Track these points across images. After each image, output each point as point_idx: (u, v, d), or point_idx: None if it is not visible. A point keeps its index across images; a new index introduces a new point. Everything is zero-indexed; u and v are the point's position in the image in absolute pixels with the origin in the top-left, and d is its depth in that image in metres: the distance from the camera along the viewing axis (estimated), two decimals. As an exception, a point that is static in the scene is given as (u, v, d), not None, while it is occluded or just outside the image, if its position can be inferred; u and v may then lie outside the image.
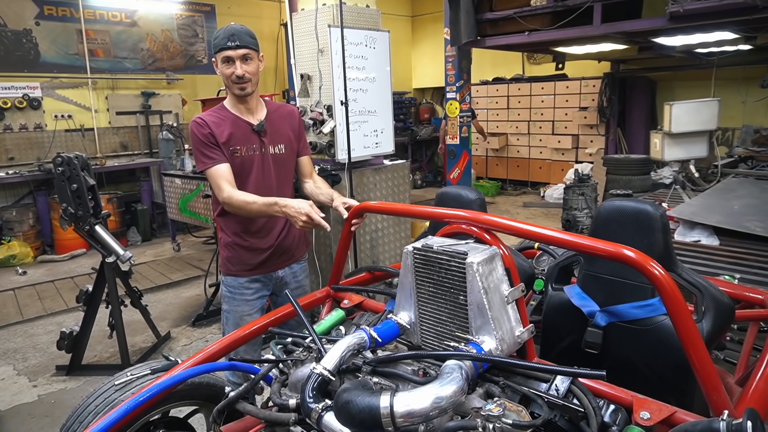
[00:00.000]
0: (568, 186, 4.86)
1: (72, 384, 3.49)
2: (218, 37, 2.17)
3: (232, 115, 2.28)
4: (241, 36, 2.16)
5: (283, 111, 2.45)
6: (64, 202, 3.34)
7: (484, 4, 5.64)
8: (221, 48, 2.15)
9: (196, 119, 2.24)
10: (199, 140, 2.20)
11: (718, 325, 1.54)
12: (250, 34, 2.21)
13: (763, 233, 3.48)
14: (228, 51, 2.15)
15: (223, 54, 2.16)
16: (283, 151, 2.38)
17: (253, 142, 2.29)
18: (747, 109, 7.46)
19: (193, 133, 2.23)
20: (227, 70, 2.18)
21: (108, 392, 1.61)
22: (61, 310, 4.77)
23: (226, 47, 2.14)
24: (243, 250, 2.34)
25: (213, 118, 2.25)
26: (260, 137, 2.30)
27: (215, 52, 2.19)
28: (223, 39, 2.15)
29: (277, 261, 2.41)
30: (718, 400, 1.22)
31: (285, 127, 2.40)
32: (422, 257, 1.50)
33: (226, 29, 2.17)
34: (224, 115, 2.28)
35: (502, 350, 1.40)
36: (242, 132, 2.27)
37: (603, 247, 1.34)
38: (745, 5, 3.84)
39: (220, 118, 2.26)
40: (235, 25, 2.19)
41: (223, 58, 2.17)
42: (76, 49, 7.14)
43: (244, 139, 2.27)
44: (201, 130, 2.20)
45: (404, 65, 11.35)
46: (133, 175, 7.68)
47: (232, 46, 2.14)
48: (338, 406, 1.17)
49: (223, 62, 2.18)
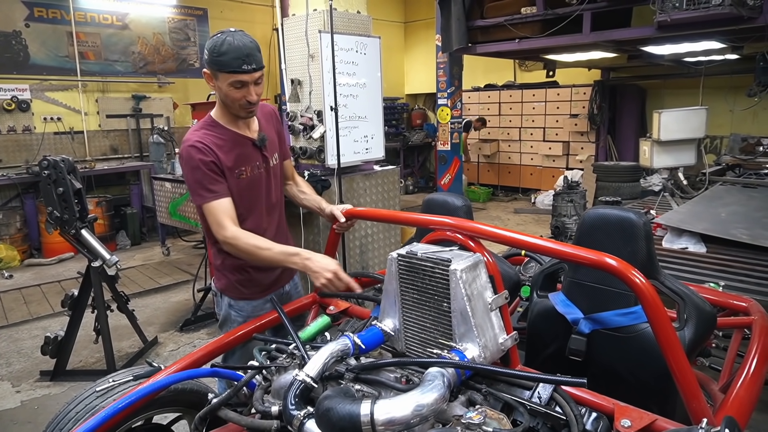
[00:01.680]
0: (557, 193, 4.88)
1: (56, 390, 3.45)
2: (225, 55, 1.79)
3: (229, 132, 1.98)
4: (255, 56, 1.84)
5: (266, 114, 2.18)
6: (49, 205, 3.31)
7: (475, 11, 5.68)
8: (233, 71, 1.81)
9: (196, 143, 1.89)
10: (199, 169, 1.87)
11: (700, 333, 1.55)
12: (259, 47, 1.88)
13: (750, 241, 3.51)
14: (242, 75, 1.82)
15: (234, 78, 1.82)
16: (277, 160, 2.16)
17: (256, 158, 2.03)
18: (735, 117, 7.55)
19: (191, 159, 1.87)
20: (236, 93, 1.86)
21: (89, 399, 1.59)
22: (47, 315, 4.72)
23: (240, 71, 1.81)
24: (256, 270, 2.08)
25: (213, 140, 1.92)
26: (262, 152, 2.05)
27: (218, 70, 1.83)
28: (235, 60, 1.79)
29: (284, 275, 2.23)
30: (697, 407, 1.23)
31: (271, 131, 2.17)
32: (406, 264, 1.50)
33: (235, 47, 1.79)
34: (222, 133, 1.97)
35: (486, 357, 1.40)
36: (245, 150, 2.00)
37: (585, 255, 1.34)
38: (731, 15, 3.89)
39: (220, 138, 1.95)
40: (243, 39, 1.82)
41: (233, 82, 1.83)
42: (66, 52, 7.11)
43: (247, 157, 2.00)
44: (204, 157, 1.87)
45: (397, 71, 11.38)
46: (122, 179, 7.63)
47: (248, 70, 1.81)
48: (319, 413, 1.16)
49: (231, 85, 1.84)
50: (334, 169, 3.88)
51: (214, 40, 1.82)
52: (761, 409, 2.89)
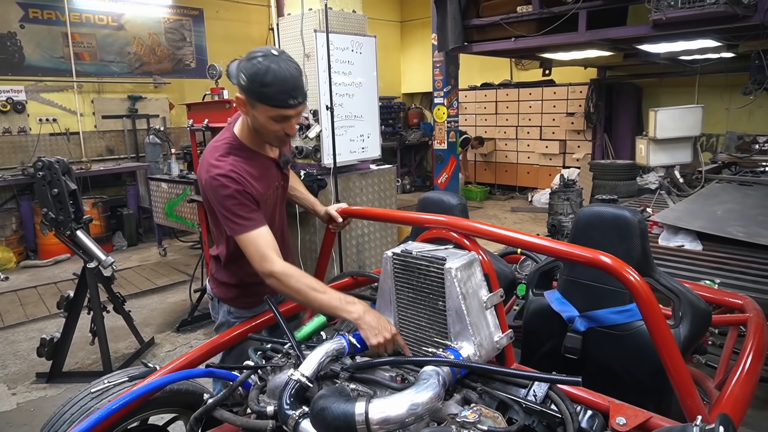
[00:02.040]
0: (553, 191, 4.89)
1: (52, 392, 3.44)
2: (269, 87, 1.60)
3: (256, 154, 1.84)
4: (301, 87, 1.68)
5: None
6: (44, 206, 3.30)
7: (471, 10, 5.68)
8: (279, 105, 1.64)
9: (230, 173, 1.71)
10: (234, 198, 1.71)
11: (695, 330, 1.55)
12: (301, 72, 1.71)
13: (746, 238, 3.52)
14: (287, 110, 1.67)
15: (277, 112, 1.66)
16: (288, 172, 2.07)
17: (277, 179, 1.92)
18: (730, 115, 7.56)
19: (225, 188, 1.70)
20: (275, 126, 1.71)
21: (84, 400, 1.59)
22: (43, 317, 4.70)
23: (287, 105, 1.65)
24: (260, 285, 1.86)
25: (245, 167, 1.76)
26: (282, 171, 1.95)
27: (259, 101, 1.64)
28: (282, 94, 1.62)
29: None
30: (692, 405, 1.23)
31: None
32: (401, 263, 1.50)
33: (281, 78, 1.61)
34: (249, 156, 1.81)
35: (481, 356, 1.40)
36: (269, 172, 1.88)
37: (580, 253, 1.34)
38: (726, 14, 3.90)
39: (250, 164, 1.79)
40: (290, 69, 1.63)
41: (275, 116, 1.68)
42: (62, 53, 7.08)
43: (271, 179, 1.88)
44: (240, 187, 1.71)
45: (393, 70, 11.38)
46: (119, 180, 7.61)
47: (294, 104, 1.66)
48: (314, 413, 1.16)
49: (272, 118, 1.69)
50: (330, 169, 3.87)
51: (256, 67, 1.61)
52: (757, 405, 2.90)
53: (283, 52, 1.67)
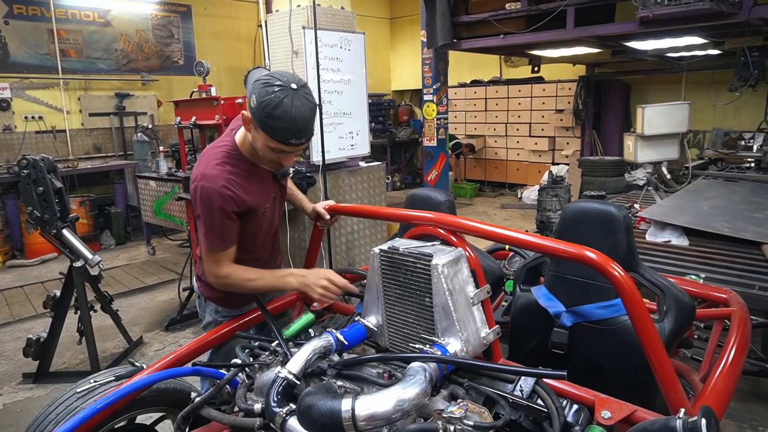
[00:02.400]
0: (542, 188, 4.91)
1: (39, 392, 3.41)
2: (276, 121, 1.57)
3: (252, 165, 1.81)
4: (309, 130, 1.65)
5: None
6: (29, 205, 3.26)
7: (459, 7, 5.68)
8: (280, 141, 1.62)
9: (222, 190, 1.70)
10: (217, 217, 1.72)
11: (679, 324, 1.57)
12: (315, 112, 1.66)
13: (731, 233, 3.57)
14: (286, 147, 1.65)
15: (278, 146, 1.64)
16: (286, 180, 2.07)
17: (274, 190, 1.92)
18: (717, 112, 7.64)
19: (213, 203, 1.70)
20: (272, 155, 1.71)
21: (69, 400, 1.57)
22: (29, 316, 4.65)
23: (288, 144, 1.63)
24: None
25: (239, 181, 1.75)
26: (279, 182, 1.95)
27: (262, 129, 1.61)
28: (286, 131, 1.59)
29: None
30: (675, 398, 1.24)
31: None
32: (388, 259, 1.50)
33: (290, 117, 1.56)
34: (245, 169, 1.79)
35: (468, 352, 1.41)
36: (265, 185, 1.87)
37: (566, 249, 1.35)
38: (712, 11, 3.93)
39: (245, 178, 1.77)
40: (302, 108, 1.58)
41: (276, 148, 1.66)
42: (47, 49, 6.99)
43: (267, 191, 1.88)
44: (226, 207, 1.71)
45: (383, 67, 11.36)
46: (106, 178, 7.53)
47: (295, 144, 1.64)
48: (301, 410, 1.16)
49: (270, 148, 1.67)
50: (319, 166, 3.86)
51: (269, 95, 1.56)
52: (740, 398, 2.94)
53: (303, 87, 1.62)
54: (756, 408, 2.88)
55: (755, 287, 2.81)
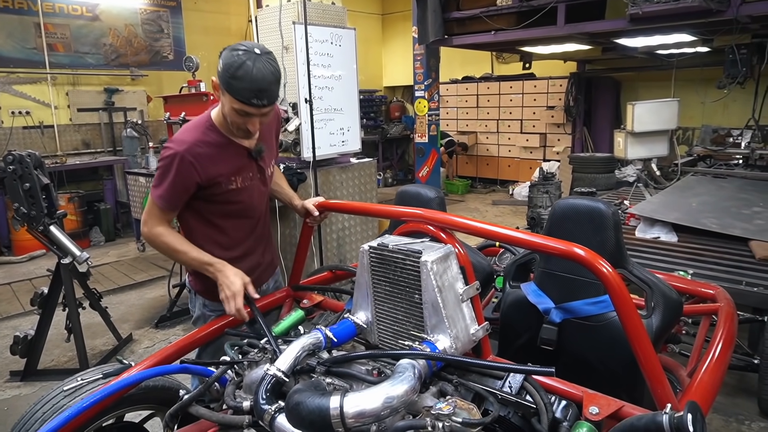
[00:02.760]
0: (533, 184, 4.93)
1: (26, 390, 3.38)
2: (238, 81, 1.64)
3: (225, 139, 1.86)
4: (271, 91, 1.70)
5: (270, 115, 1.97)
6: (16, 201, 3.22)
7: (451, 3, 5.68)
8: (242, 101, 1.67)
9: (187, 156, 1.75)
10: (177, 179, 1.77)
11: (667, 320, 1.58)
12: (279, 77, 1.71)
13: (719, 230, 3.60)
14: (249, 108, 1.69)
15: (242, 107, 1.69)
16: (273, 168, 2.08)
17: (250, 169, 1.94)
18: (706, 109, 7.71)
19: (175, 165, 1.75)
20: (238, 119, 1.75)
21: (56, 398, 1.56)
22: (17, 314, 4.61)
23: (248, 104, 1.68)
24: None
25: (205, 151, 1.80)
26: (257, 162, 1.96)
27: (227, 90, 1.68)
28: (247, 91, 1.65)
29: (263, 275, 2.17)
30: (662, 393, 1.25)
31: (272, 135, 2.06)
32: (378, 256, 1.50)
33: (254, 76, 1.63)
34: (216, 140, 1.84)
35: (457, 348, 1.41)
36: (238, 161, 1.89)
37: (554, 245, 1.36)
38: (700, 8, 3.96)
39: (214, 148, 1.83)
40: (264, 69, 1.65)
41: (238, 109, 1.71)
42: (34, 44, 6.90)
43: (240, 168, 1.90)
44: (191, 174, 1.76)
45: (375, 63, 11.33)
46: (95, 174, 7.47)
47: (257, 104, 1.68)
48: (289, 407, 1.16)
49: (235, 111, 1.72)
50: (309, 162, 3.85)
51: (233, 58, 1.65)
52: (727, 392, 2.98)
53: (267, 54, 1.68)
54: (742, 402, 2.92)
55: (742, 283, 2.84)
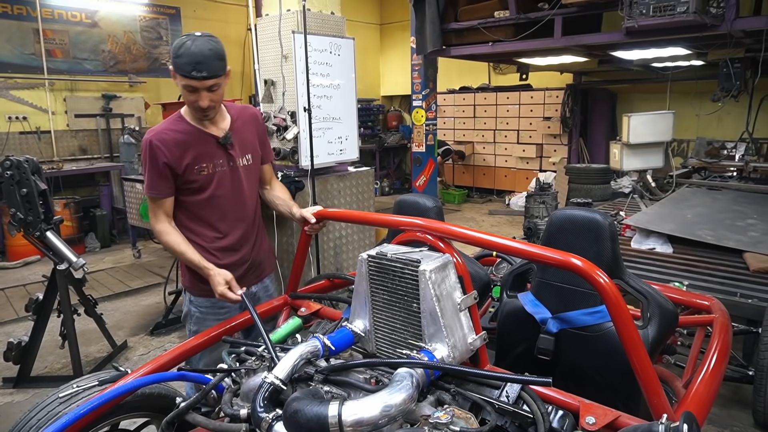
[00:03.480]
0: (529, 194, 4.95)
1: (19, 397, 3.35)
2: (180, 58, 1.84)
3: (193, 128, 2.04)
4: (210, 64, 1.85)
5: (246, 116, 2.21)
6: (12, 207, 3.21)
7: (449, 15, 5.72)
8: (184, 75, 1.85)
9: (155, 141, 1.97)
10: (152, 165, 1.99)
11: (663, 331, 1.59)
12: (220, 55, 1.89)
13: (714, 241, 3.63)
14: (192, 81, 1.86)
15: (185, 82, 1.87)
16: (251, 162, 2.20)
17: (220, 156, 2.08)
18: (700, 121, 7.77)
19: (147, 153, 1.99)
20: (189, 96, 1.93)
21: (51, 405, 1.55)
22: (10, 320, 4.57)
23: (190, 76, 1.85)
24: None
25: (174, 136, 2.00)
26: (227, 150, 2.09)
27: (175, 70, 1.87)
28: (187, 64, 1.83)
29: (251, 276, 2.24)
30: (658, 404, 1.26)
31: (250, 134, 2.20)
32: (376, 265, 1.51)
33: (192, 51, 1.83)
34: (184, 129, 2.03)
35: (455, 357, 1.41)
36: (207, 147, 2.05)
37: (552, 256, 1.37)
38: (695, 23, 4.00)
39: (180, 135, 2.01)
40: (202, 45, 1.84)
41: (185, 85, 1.89)
42: (33, 49, 6.91)
43: (209, 155, 2.05)
44: (158, 156, 1.96)
45: (373, 72, 11.39)
46: (92, 180, 7.45)
47: (198, 77, 1.85)
48: (287, 415, 1.16)
49: (184, 88, 1.90)
50: (307, 171, 3.86)
51: (177, 41, 1.87)
52: (721, 404, 2.98)
53: (209, 35, 1.91)
54: (737, 414, 2.92)
55: (737, 294, 2.86)
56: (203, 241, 2.12)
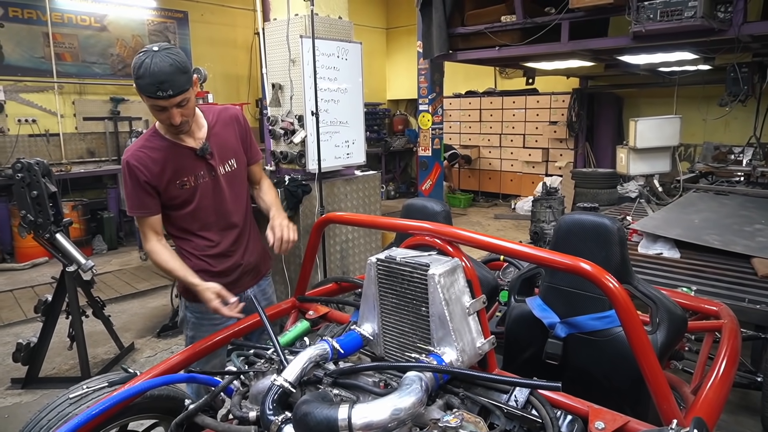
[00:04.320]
0: (536, 199, 4.94)
1: (28, 397, 3.37)
2: (141, 79, 1.74)
3: (168, 142, 1.98)
4: (173, 81, 1.76)
5: (224, 118, 2.13)
6: (23, 209, 3.25)
7: (455, 19, 5.73)
8: (148, 96, 1.77)
9: (132, 161, 1.93)
10: (133, 185, 1.95)
11: (671, 336, 1.59)
12: (182, 69, 1.78)
13: (721, 246, 3.61)
14: (159, 101, 1.78)
15: (153, 102, 1.79)
16: (235, 167, 2.13)
17: (200, 168, 2.03)
18: (707, 126, 7.74)
19: (126, 173, 1.95)
20: (159, 115, 1.87)
21: (62, 406, 1.56)
22: (19, 321, 4.61)
23: (156, 97, 1.76)
24: (208, 274, 2.08)
25: (149, 154, 1.95)
26: (206, 161, 2.04)
27: (138, 90, 1.78)
28: (150, 85, 1.74)
29: (246, 280, 2.23)
30: (668, 409, 1.25)
31: (230, 137, 2.13)
32: (385, 268, 1.51)
33: (151, 72, 1.73)
34: (159, 145, 1.97)
35: (463, 361, 1.41)
36: (185, 161, 2.00)
37: (561, 260, 1.37)
38: (703, 27, 4.00)
39: (157, 152, 1.96)
40: (161, 63, 1.74)
41: (153, 105, 1.82)
42: (43, 53, 6.98)
43: (188, 168, 2.00)
44: (138, 176, 1.92)
45: (379, 77, 11.42)
46: (99, 182, 7.51)
47: (164, 96, 1.76)
48: (296, 418, 1.16)
49: (152, 107, 1.83)
50: (314, 174, 3.87)
51: (135, 59, 1.77)
52: (730, 410, 2.96)
53: (167, 48, 1.80)
54: (745, 420, 2.91)
55: (745, 300, 2.84)
56: (195, 250, 2.12)
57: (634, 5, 4.18)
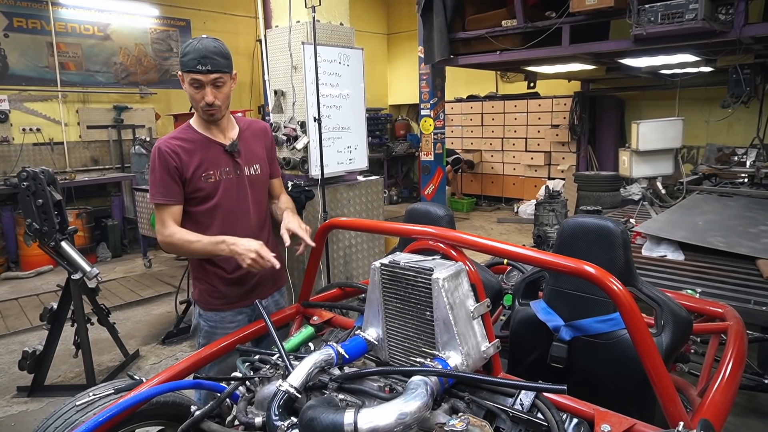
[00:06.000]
0: (539, 202, 4.94)
1: (34, 405, 3.38)
2: (187, 55, 1.93)
3: (201, 136, 2.09)
4: (214, 59, 1.93)
5: (255, 128, 2.26)
6: (28, 217, 3.26)
7: (456, 24, 5.75)
8: (189, 70, 1.93)
9: (164, 147, 2.02)
10: (162, 171, 2.00)
11: (677, 338, 1.58)
12: (224, 53, 1.98)
13: (726, 248, 3.59)
14: (197, 75, 1.93)
15: (191, 76, 1.94)
16: (259, 172, 2.21)
17: (226, 164, 2.11)
18: (710, 128, 7.73)
19: (156, 159, 2.01)
20: (196, 94, 1.98)
21: (68, 413, 1.56)
22: (24, 329, 4.62)
23: (196, 70, 1.92)
24: (224, 283, 2.14)
25: (182, 144, 2.04)
26: (234, 158, 2.12)
27: (181, 69, 1.97)
28: (193, 59, 1.91)
29: (262, 291, 2.24)
30: (674, 412, 1.25)
31: (258, 146, 2.23)
32: (389, 273, 1.51)
33: (197, 47, 1.93)
34: (193, 137, 2.08)
35: (468, 365, 1.41)
36: (214, 155, 2.09)
37: (565, 263, 1.37)
38: (704, 29, 4.00)
39: (189, 143, 2.06)
40: (207, 43, 1.95)
41: (191, 80, 1.95)
42: (47, 62, 7.03)
43: (216, 162, 2.08)
44: (168, 161, 2.00)
45: (380, 82, 11.46)
46: (103, 190, 7.54)
47: (203, 70, 1.92)
48: (302, 423, 1.16)
49: (191, 84, 1.96)
50: (317, 180, 3.88)
51: (185, 43, 1.99)
52: (737, 413, 2.95)
53: (214, 39, 2.01)
54: (753, 423, 2.89)
55: (750, 302, 2.83)
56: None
57: (635, 8, 4.19)
